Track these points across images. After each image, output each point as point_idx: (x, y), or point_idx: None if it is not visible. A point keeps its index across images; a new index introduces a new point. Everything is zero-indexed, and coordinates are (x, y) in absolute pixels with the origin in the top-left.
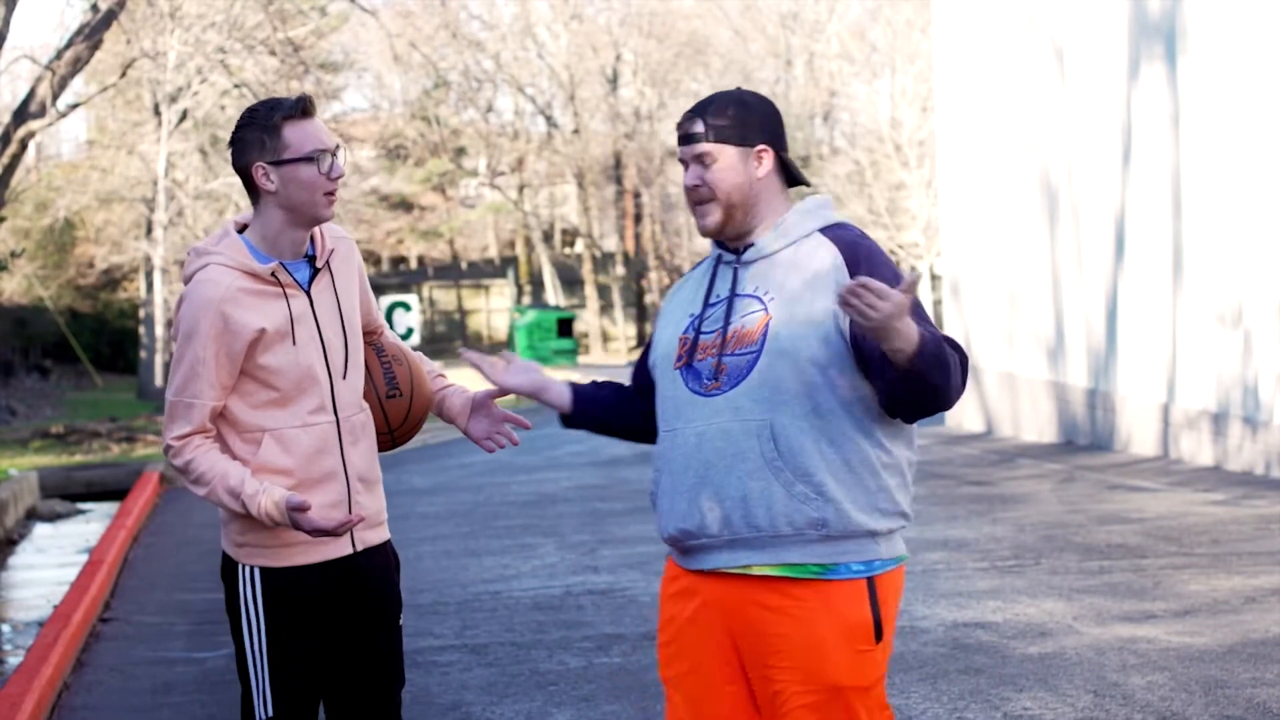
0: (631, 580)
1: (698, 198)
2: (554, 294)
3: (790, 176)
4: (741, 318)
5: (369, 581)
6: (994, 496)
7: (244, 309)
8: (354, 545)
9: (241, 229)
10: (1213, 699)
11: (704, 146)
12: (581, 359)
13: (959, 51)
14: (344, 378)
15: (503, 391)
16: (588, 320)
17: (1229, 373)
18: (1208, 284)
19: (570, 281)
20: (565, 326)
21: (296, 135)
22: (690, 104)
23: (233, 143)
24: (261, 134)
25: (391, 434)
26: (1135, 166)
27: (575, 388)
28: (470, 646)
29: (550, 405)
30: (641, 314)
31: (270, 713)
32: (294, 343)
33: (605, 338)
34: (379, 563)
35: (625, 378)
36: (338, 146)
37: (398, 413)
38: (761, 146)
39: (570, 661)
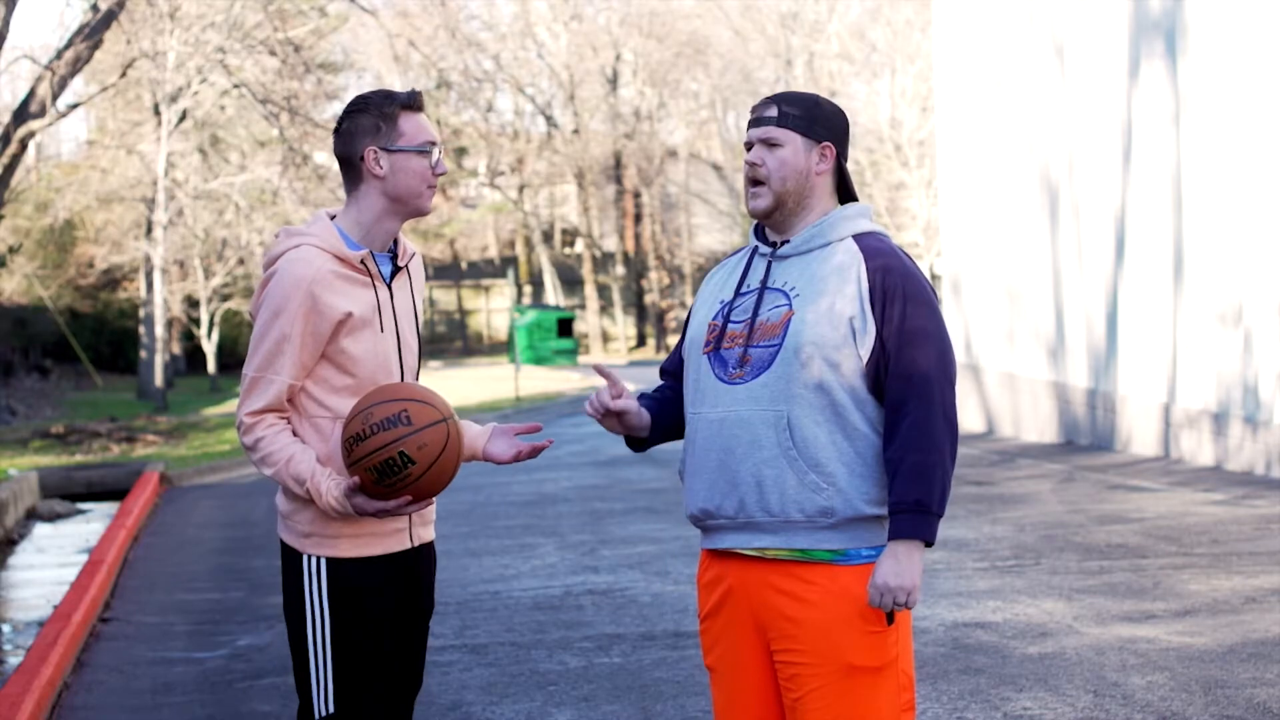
0: (631, 580)
1: (756, 176)
2: (554, 294)
3: (844, 186)
4: (768, 311)
5: (420, 579)
6: (994, 496)
7: (333, 292)
8: (412, 540)
9: (332, 219)
10: (1213, 699)
11: (773, 131)
12: (581, 359)
13: (959, 51)
14: (415, 376)
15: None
16: (588, 320)
17: (1229, 372)
18: (1208, 283)
19: (570, 281)
20: (565, 326)
21: (410, 126)
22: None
23: (341, 128)
24: (378, 120)
25: None
26: (1136, 165)
27: (652, 413)
28: (470, 646)
29: (631, 429)
30: (641, 314)
31: (331, 710)
32: (381, 330)
33: (605, 338)
34: (428, 561)
35: (654, 376)
36: (440, 144)
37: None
38: (826, 144)
39: (570, 661)
